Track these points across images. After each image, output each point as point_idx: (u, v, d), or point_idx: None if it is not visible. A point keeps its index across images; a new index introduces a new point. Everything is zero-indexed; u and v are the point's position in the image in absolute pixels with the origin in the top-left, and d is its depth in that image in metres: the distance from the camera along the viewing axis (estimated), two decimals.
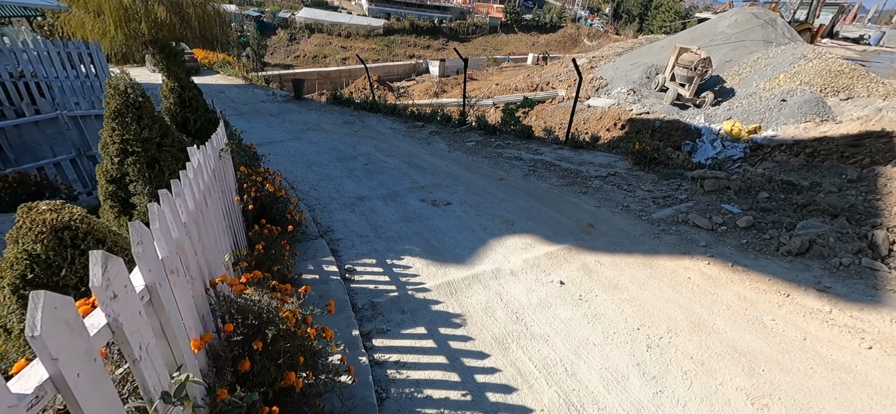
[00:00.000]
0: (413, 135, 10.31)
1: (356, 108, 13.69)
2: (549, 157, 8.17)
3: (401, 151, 8.81)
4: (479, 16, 62.87)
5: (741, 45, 15.76)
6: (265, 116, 12.41)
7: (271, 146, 9.35)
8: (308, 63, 46.59)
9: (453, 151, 8.81)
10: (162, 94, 4.33)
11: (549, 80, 20.28)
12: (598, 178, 7.02)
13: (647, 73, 16.18)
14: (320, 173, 7.47)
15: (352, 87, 31.36)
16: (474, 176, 7.22)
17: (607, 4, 73.10)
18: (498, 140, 9.52)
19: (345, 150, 9.04)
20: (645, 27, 66.16)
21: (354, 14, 62.15)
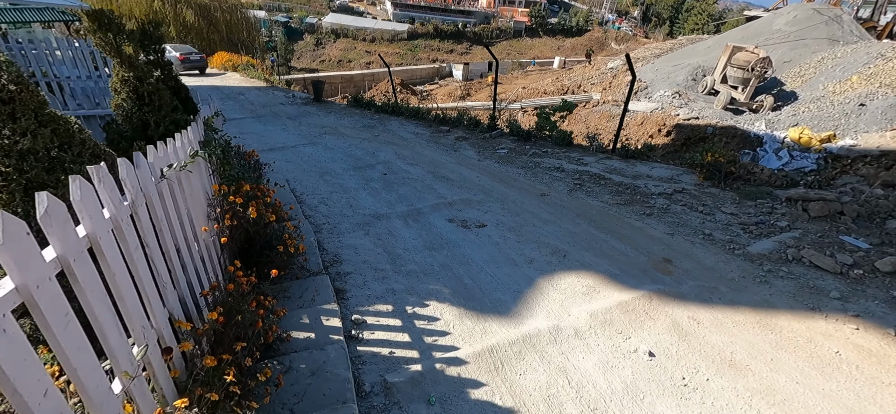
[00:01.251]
0: (438, 141, 9.19)
1: (377, 112, 12.70)
2: (595, 168, 6.90)
3: (424, 159, 7.70)
4: (503, 20, 61.56)
5: (802, 44, 14.00)
6: (282, 119, 11.55)
7: (283, 152, 8.41)
8: (333, 67, 46.39)
9: (483, 160, 7.64)
10: (111, 88, 3.33)
11: (580, 83, 18.86)
12: (662, 196, 5.70)
13: (693, 75, 14.59)
14: (333, 184, 6.43)
15: (375, 90, 30.63)
16: (510, 190, 6.02)
17: (636, 7, 70.47)
18: (533, 147, 8.29)
19: (362, 156, 8.00)
20: (675, 30, 63.35)
21: (379, 19, 61.89)
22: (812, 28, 14.40)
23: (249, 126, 10.75)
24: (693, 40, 22.48)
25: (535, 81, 27.79)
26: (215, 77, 21.46)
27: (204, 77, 20.99)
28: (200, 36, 28.54)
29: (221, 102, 13.77)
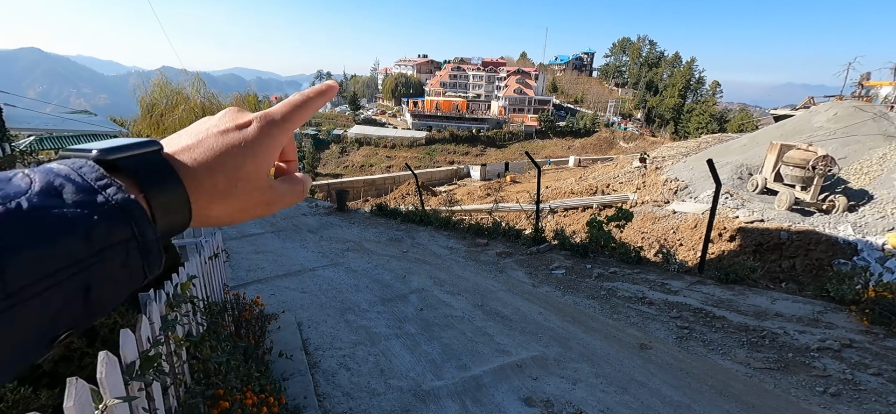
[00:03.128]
0: (477, 257, 7.75)
1: (404, 221, 11.55)
2: (692, 299, 5.23)
3: (467, 286, 6.18)
4: (514, 124, 64.22)
5: (854, 141, 12.88)
6: (302, 233, 10.42)
7: (300, 278, 7.03)
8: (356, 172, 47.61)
9: (540, 286, 6.07)
10: None
11: (608, 183, 17.83)
12: (826, 354, 3.93)
13: (738, 174, 13.38)
14: (357, 328, 4.88)
15: (396, 192, 30.40)
16: (594, 338, 4.35)
17: (639, 110, 73.25)
18: (595, 266, 6.73)
19: (392, 282, 6.54)
20: (679, 129, 64.71)
21: (399, 128, 65.33)
22: (860, 124, 13.40)
23: (267, 243, 9.59)
24: (720, 139, 21.83)
25: (555, 180, 27.13)
26: None
27: None
28: None
29: None
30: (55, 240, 0.27)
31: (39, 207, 0.27)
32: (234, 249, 9.02)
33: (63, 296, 0.28)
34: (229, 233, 10.38)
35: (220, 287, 3.87)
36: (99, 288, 0.29)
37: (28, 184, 0.28)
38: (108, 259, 0.29)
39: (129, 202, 0.31)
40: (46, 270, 0.26)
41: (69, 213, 0.28)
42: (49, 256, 0.26)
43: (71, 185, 0.29)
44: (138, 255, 0.31)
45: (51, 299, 0.27)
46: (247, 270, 7.50)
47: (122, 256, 0.30)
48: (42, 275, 0.26)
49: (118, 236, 0.30)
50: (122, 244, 0.30)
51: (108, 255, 0.29)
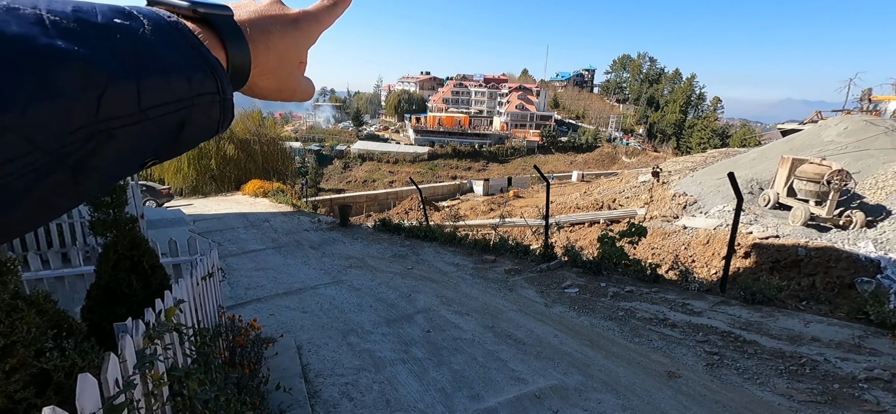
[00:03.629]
0: (485, 275, 7.43)
1: (408, 236, 11.26)
2: (717, 321, 4.89)
3: (476, 305, 5.86)
4: (516, 140, 64.32)
5: (867, 155, 12.60)
6: (304, 249, 10.13)
7: (301, 297, 6.72)
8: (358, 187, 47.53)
9: (553, 306, 5.74)
10: None
11: (614, 198, 17.53)
12: (875, 384, 3.58)
13: (749, 188, 13.08)
14: (361, 352, 4.56)
15: (399, 207, 30.19)
16: (616, 365, 4.01)
17: (640, 125, 73.38)
18: (609, 284, 6.41)
19: (396, 301, 6.22)
20: (682, 144, 64.67)
21: (402, 143, 65.51)
22: (872, 139, 13.14)
23: (268, 259, 9.29)
24: (727, 154, 21.58)
25: (559, 195, 26.85)
26: (245, 204, 21.13)
27: (235, 204, 20.65)
28: (238, 166, 29.45)
29: (245, 231, 12.68)
30: (170, 75, 0.31)
31: (155, 44, 0.31)
32: (233, 265, 8.74)
33: (167, 124, 0.32)
34: (229, 248, 10.13)
35: (214, 310, 3.58)
36: (188, 127, 0.34)
37: (140, 22, 0.31)
38: (199, 104, 0.34)
39: (217, 63, 0.35)
40: (163, 98, 0.31)
41: (178, 58, 0.32)
42: (166, 85, 0.31)
43: (178, 34, 0.34)
44: (218, 107, 0.36)
45: (162, 122, 0.31)
46: (246, 288, 7.20)
47: (209, 107, 0.35)
48: (160, 101, 0.31)
49: (208, 87, 0.34)
50: (210, 95, 0.34)
51: (199, 100, 0.34)
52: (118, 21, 0.30)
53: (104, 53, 0.27)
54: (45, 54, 0.25)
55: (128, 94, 0.28)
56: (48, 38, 0.25)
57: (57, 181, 0.27)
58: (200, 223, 14.21)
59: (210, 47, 0.36)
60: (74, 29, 0.27)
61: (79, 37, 0.27)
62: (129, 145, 0.30)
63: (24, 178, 0.25)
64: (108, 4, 0.31)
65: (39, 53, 0.24)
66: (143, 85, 0.29)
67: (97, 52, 0.27)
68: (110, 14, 0.30)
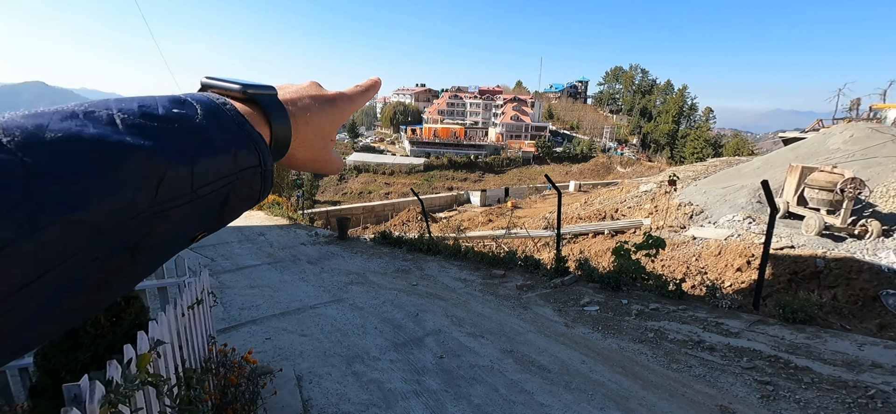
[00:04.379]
0: (495, 291, 6.97)
1: (410, 250, 10.78)
2: (760, 343, 4.46)
3: (490, 326, 5.40)
4: (512, 151, 64.32)
5: (875, 163, 12.40)
6: (301, 265, 9.61)
7: (299, 318, 6.21)
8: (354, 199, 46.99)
9: (574, 326, 5.29)
10: None
11: (617, 208, 17.20)
12: None
13: (757, 197, 12.80)
14: (368, 383, 4.07)
15: (396, 219, 29.70)
16: (658, 397, 3.56)
17: (634, 136, 73.80)
18: (632, 301, 5.97)
19: (404, 322, 5.74)
20: (675, 155, 65.03)
21: (398, 155, 65.20)
22: (879, 146, 12.97)
23: (264, 276, 8.76)
24: (729, 162, 21.42)
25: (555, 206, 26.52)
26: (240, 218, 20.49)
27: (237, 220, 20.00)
28: None
29: (239, 245, 12.11)
30: (218, 154, 0.34)
31: (208, 128, 0.34)
32: (227, 282, 8.20)
33: (214, 200, 0.34)
34: (222, 265, 9.58)
35: (203, 342, 3.08)
36: (232, 200, 0.36)
37: (194, 108, 0.35)
38: (242, 178, 0.36)
39: (260, 138, 0.38)
40: (212, 177, 0.33)
41: (225, 137, 0.35)
42: (215, 164, 0.33)
43: (226, 115, 0.37)
44: (260, 179, 0.38)
45: (210, 199, 0.34)
46: (240, 308, 6.68)
47: (251, 179, 0.37)
48: (210, 180, 0.33)
49: (251, 161, 0.37)
50: (252, 168, 0.37)
51: (243, 174, 0.36)
52: (176, 111, 0.33)
53: (164, 144, 0.30)
54: (115, 151, 0.27)
55: (183, 178, 0.31)
56: (118, 136, 0.28)
57: (116, 264, 0.29)
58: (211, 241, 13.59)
59: (255, 124, 0.39)
60: (140, 124, 0.30)
61: (143, 131, 0.30)
62: (181, 223, 0.32)
63: (92, 264, 0.27)
64: (167, 96, 0.35)
65: (111, 150, 0.27)
66: (196, 168, 0.32)
67: (158, 144, 0.30)
68: (169, 105, 0.34)
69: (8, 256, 0.22)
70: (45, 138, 0.25)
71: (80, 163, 0.25)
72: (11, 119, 0.26)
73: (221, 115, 0.36)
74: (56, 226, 0.24)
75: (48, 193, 0.24)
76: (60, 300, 0.26)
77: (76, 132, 0.27)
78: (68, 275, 0.25)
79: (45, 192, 0.24)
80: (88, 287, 0.27)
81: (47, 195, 0.24)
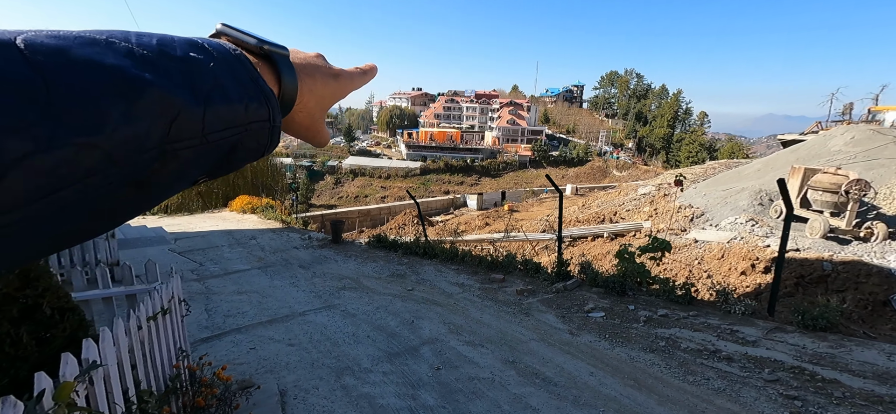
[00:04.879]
0: (494, 296, 6.64)
1: (405, 253, 10.43)
2: (780, 353, 4.15)
3: (490, 334, 5.06)
4: (508, 154, 64.14)
5: (877, 165, 12.22)
6: (293, 269, 9.24)
7: (287, 326, 5.83)
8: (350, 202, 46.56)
9: (579, 334, 4.96)
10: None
11: (615, 211, 16.94)
12: None
13: (759, 200, 12.57)
14: (359, 399, 3.71)
15: (392, 222, 29.32)
16: None
17: (630, 140, 73.94)
18: (639, 307, 5.66)
19: (398, 330, 5.39)
20: (670, 158, 65.15)
21: (394, 159, 64.85)
22: (881, 148, 12.80)
23: (253, 281, 8.37)
24: (728, 165, 21.27)
25: (553, 209, 26.28)
26: (233, 221, 20.07)
27: (221, 221, 19.59)
28: (226, 182, 28.37)
29: (230, 249, 11.69)
30: (231, 103, 0.34)
31: (221, 75, 0.34)
32: (214, 288, 7.82)
33: (222, 147, 0.34)
34: (210, 269, 9.20)
35: (168, 358, 2.72)
36: (239, 150, 0.37)
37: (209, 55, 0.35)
38: (252, 130, 0.37)
39: (271, 93, 0.39)
40: (222, 124, 0.34)
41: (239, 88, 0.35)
42: (227, 113, 0.34)
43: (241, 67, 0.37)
44: (267, 134, 0.39)
45: (218, 145, 0.34)
46: (225, 315, 6.30)
47: (259, 132, 0.38)
48: (220, 127, 0.33)
49: (261, 115, 0.37)
50: (261, 122, 0.37)
51: (253, 127, 0.37)
52: (193, 55, 0.34)
53: (179, 84, 0.31)
54: (133, 84, 0.28)
55: (195, 120, 0.31)
56: (137, 70, 0.29)
57: (124, 194, 0.29)
58: (182, 241, 13.18)
59: (267, 80, 0.39)
60: (157, 62, 0.30)
61: (160, 69, 0.30)
62: (188, 164, 0.32)
63: (100, 190, 0.27)
64: (184, 38, 0.35)
65: (128, 83, 0.28)
66: (208, 112, 0.32)
67: (174, 83, 0.30)
68: (187, 47, 0.34)
69: (24, 167, 0.23)
70: (67, 61, 0.26)
71: (98, 90, 0.26)
72: (36, 35, 0.26)
73: (236, 67, 0.36)
74: (70, 147, 0.24)
75: (66, 114, 0.24)
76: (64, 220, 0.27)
77: (97, 59, 0.27)
78: (76, 198, 0.26)
79: (62, 113, 0.24)
80: (93, 213, 0.28)
81: (65, 116, 0.24)
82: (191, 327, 5.87)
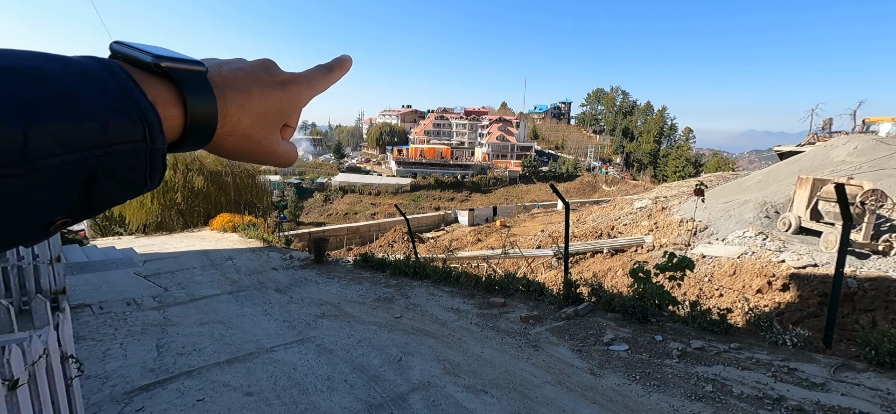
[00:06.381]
0: (496, 324, 5.71)
1: (394, 273, 9.45)
2: (860, 400, 3.31)
3: (494, 376, 4.12)
4: (498, 170, 63.78)
5: (885, 175, 11.75)
6: (268, 293, 8.19)
7: (249, 366, 4.81)
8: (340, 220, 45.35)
9: (602, 374, 4.06)
10: None
11: (612, 225, 16.23)
12: None
13: (765, 212, 11.95)
14: None
15: (382, 239, 28.26)
16: None
17: (618, 155, 74.34)
18: (667, 337, 4.79)
19: (382, 370, 4.42)
20: (658, 173, 65.50)
21: (384, 175, 63.95)
22: (887, 158, 12.37)
23: (220, 308, 7.30)
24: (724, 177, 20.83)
25: (546, 224, 25.55)
26: (211, 240, 18.85)
27: (199, 240, 18.35)
28: (208, 200, 27.09)
29: (202, 272, 10.53)
30: (78, 120, 0.27)
31: (73, 87, 0.28)
32: (173, 318, 6.76)
33: (70, 177, 0.27)
34: (176, 295, 8.12)
35: None
36: (102, 180, 0.29)
37: (64, 65, 0.29)
38: (117, 154, 0.29)
39: (150, 108, 0.31)
40: (60, 147, 0.26)
41: (96, 101, 0.28)
42: (67, 131, 0.27)
43: (107, 77, 0.30)
44: (145, 158, 0.31)
45: (61, 175, 0.27)
46: (178, 354, 5.26)
47: (130, 156, 0.30)
48: (58, 150, 0.26)
49: (132, 134, 0.30)
50: (132, 143, 0.30)
51: (118, 149, 0.29)
52: (32, 65, 0.27)
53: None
54: None
55: (7, 141, 0.24)
56: None
57: None
58: (152, 263, 12.00)
59: (165, 99, 0.33)
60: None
61: None
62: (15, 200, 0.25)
63: None
64: (41, 52, 0.29)
65: None
66: (33, 132, 0.25)
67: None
68: (31, 59, 0.28)
69: None
70: None
71: None
72: None
73: (101, 77, 0.29)
74: None
75: None
76: None
77: None
78: None
79: None
80: None
81: None
82: (134, 371, 4.83)
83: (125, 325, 6.51)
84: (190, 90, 0.34)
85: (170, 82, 0.33)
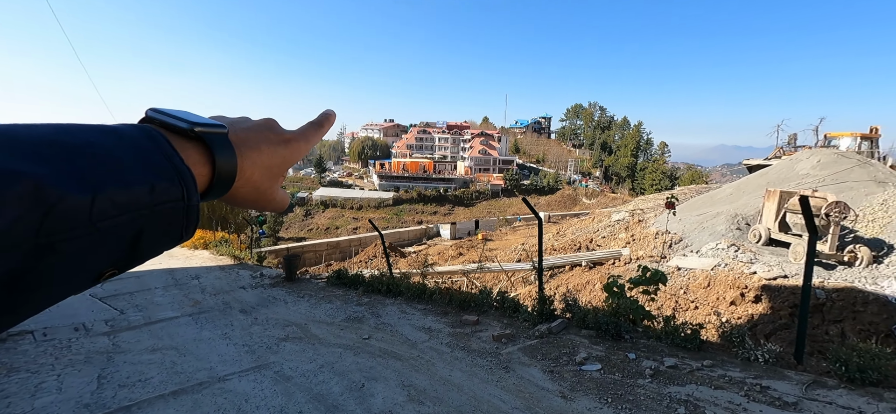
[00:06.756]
0: (467, 344, 5.46)
1: (367, 291, 9.12)
2: None
3: (460, 403, 3.87)
4: (480, 184, 64.09)
5: (847, 187, 12.15)
6: (232, 315, 7.73)
7: (197, 397, 4.40)
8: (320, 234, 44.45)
9: (573, 397, 3.85)
10: None
11: (590, 238, 16.27)
12: None
13: (736, 224, 12.16)
14: None
15: (362, 254, 27.70)
16: None
17: (597, 169, 75.81)
18: (641, 355, 4.64)
19: (342, 399, 4.11)
20: (635, 186, 67.00)
21: (366, 189, 63.33)
22: (847, 171, 12.83)
23: (177, 332, 6.80)
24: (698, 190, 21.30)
25: (527, 237, 25.54)
26: (180, 258, 18.01)
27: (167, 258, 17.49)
28: None
29: (163, 292, 9.89)
30: (131, 186, 0.31)
31: (122, 158, 0.32)
32: (122, 345, 6.25)
33: (121, 234, 0.31)
34: (131, 318, 7.57)
35: None
36: (147, 235, 0.34)
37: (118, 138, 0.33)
38: (160, 213, 0.34)
39: (187, 171, 0.36)
40: (117, 210, 0.31)
41: (143, 168, 0.33)
42: (123, 196, 0.31)
43: (152, 145, 0.35)
44: (182, 214, 0.36)
45: (115, 233, 0.31)
46: (120, 385, 4.81)
47: (170, 214, 0.35)
48: (115, 212, 0.30)
49: (172, 195, 0.34)
50: (173, 202, 0.34)
51: (161, 209, 0.34)
52: (92, 139, 0.32)
53: (61, 171, 0.28)
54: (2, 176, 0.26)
55: (79, 209, 0.28)
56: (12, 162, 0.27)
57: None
58: (111, 283, 11.23)
59: (194, 160, 0.38)
60: (41, 151, 0.28)
61: (41, 158, 0.28)
62: (75, 258, 0.29)
63: None
64: (93, 125, 0.34)
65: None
66: (98, 199, 0.29)
67: (53, 170, 0.28)
68: (85, 134, 0.32)
69: None
70: None
71: None
72: None
73: (146, 146, 0.34)
74: None
75: None
76: None
77: None
78: None
79: None
80: None
81: None
82: (66, 407, 4.35)
83: (68, 353, 5.96)
84: (219, 151, 0.39)
85: (200, 143, 0.39)
